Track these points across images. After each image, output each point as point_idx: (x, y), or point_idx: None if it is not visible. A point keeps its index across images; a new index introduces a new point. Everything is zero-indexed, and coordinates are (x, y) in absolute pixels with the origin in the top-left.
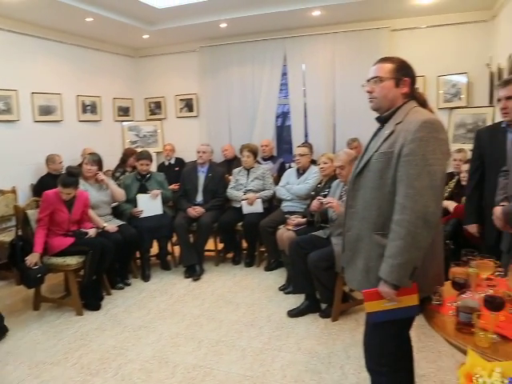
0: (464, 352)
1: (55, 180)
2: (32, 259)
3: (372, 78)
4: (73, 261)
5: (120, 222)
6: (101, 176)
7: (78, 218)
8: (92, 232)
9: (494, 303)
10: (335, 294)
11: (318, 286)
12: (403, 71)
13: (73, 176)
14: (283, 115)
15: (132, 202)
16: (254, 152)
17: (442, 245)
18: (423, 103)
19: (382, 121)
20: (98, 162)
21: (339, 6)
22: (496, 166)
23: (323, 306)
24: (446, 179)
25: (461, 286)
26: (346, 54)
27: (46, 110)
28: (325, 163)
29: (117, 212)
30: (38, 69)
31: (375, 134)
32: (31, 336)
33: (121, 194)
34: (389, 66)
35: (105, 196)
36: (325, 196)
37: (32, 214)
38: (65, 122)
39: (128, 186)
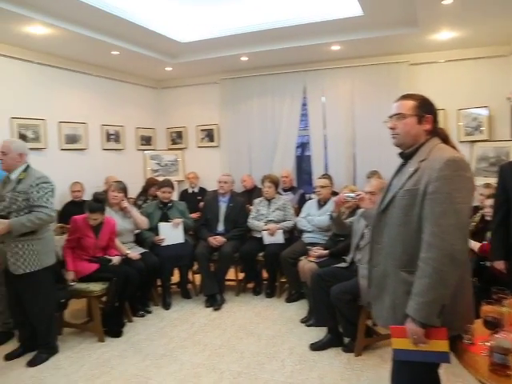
0: None
1: (77, 207)
2: (69, 276)
3: (394, 115)
4: (96, 287)
5: (142, 250)
6: (124, 203)
7: (105, 244)
8: (116, 260)
9: None
10: (358, 328)
11: (340, 320)
12: (425, 108)
13: (99, 202)
14: (302, 145)
15: (154, 230)
16: (275, 183)
17: (471, 282)
18: (445, 139)
19: (405, 157)
20: (123, 189)
21: (358, 42)
22: None
23: (346, 340)
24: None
25: (494, 326)
26: (366, 87)
27: (72, 139)
28: None
29: (139, 239)
30: (66, 99)
31: (398, 171)
32: (54, 361)
33: (143, 221)
34: (411, 103)
35: (128, 224)
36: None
37: (57, 240)
38: (89, 151)
39: (150, 214)
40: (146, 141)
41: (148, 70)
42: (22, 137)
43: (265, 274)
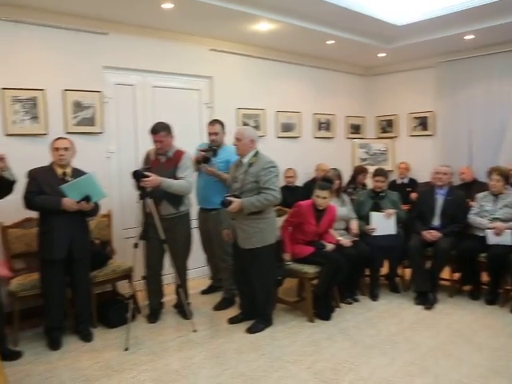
0: None
1: (290, 192)
2: (286, 257)
3: None
4: (310, 269)
5: (353, 238)
6: None
7: (323, 231)
8: (330, 247)
9: None
10: None
11: None
12: None
13: (328, 181)
14: None
15: (364, 218)
16: (504, 176)
17: None
18: None
19: None
20: (339, 176)
21: None
22: None
23: None
24: None
25: None
26: None
27: (287, 127)
28: None
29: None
30: (282, 90)
31: None
32: (269, 332)
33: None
34: None
35: (343, 211)
36: None
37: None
38: (302, 138)
39: (361, 202)
40: (355, 129)
41: (359, 58)
42: (245, 125)
43: (484, 277)
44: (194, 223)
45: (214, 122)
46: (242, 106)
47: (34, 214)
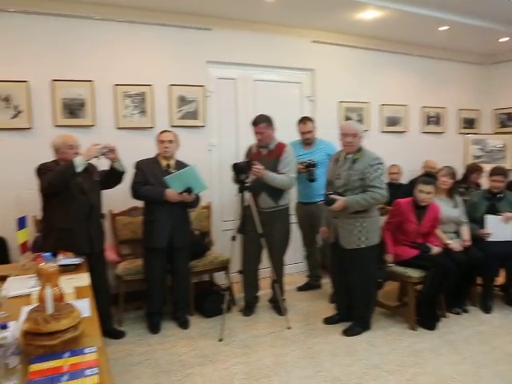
0: None
1: (393, 189)
2: (388, 258)
3: None
4: (415, 273)
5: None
6: None
7: (426, 231)
8: (436, 250)
9: None
10: None
11: None
12: None
13: (431, 177)
14: None
15: (477, 221)
16: None
17: None
18: None
19: None
20: (453, 175)
21: None
22: None
23: None
24: None
25: None
26: None
27: (392, 121)
28: None
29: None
30: (387, 82)
31: None
32: (366, 336)
33: None
34: None
35: (455, 213)
36: None
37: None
38: (408, 133)
39: (475, 204)
40: (469, 123)
41: (476, 44)
42: (347, 119)
43: None
44: (293, 218)
45: (306, 119)
46: (345, 99)
47: (139, 203)
